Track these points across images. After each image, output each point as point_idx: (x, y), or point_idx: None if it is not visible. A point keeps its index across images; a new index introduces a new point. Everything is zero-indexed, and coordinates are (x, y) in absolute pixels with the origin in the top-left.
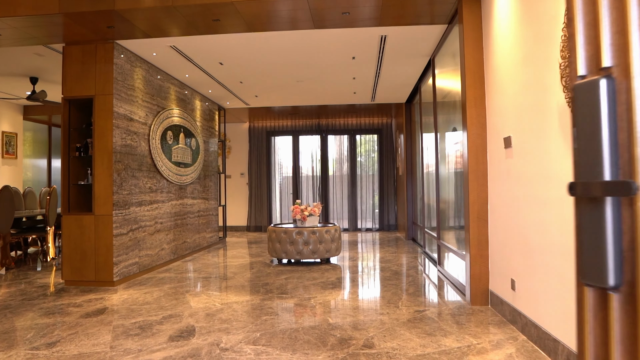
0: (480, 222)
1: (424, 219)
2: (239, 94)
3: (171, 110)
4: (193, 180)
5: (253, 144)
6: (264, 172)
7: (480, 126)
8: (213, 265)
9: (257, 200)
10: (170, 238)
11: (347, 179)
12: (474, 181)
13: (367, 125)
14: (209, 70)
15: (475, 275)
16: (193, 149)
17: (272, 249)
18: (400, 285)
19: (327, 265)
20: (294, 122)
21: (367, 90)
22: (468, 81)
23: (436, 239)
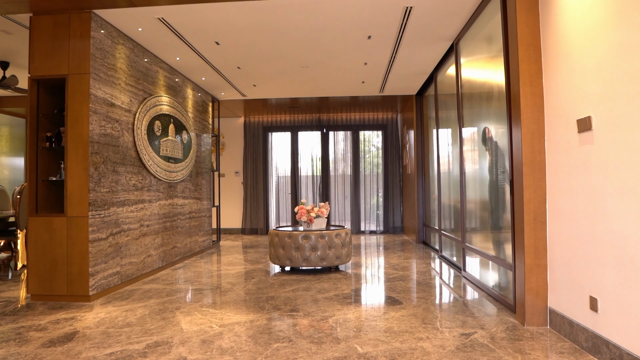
0: (537, 225)
1: (440, 220)
2: (236, 83)
3: (160, 98)
4: (184, 178)
5: (248, 140)
6: (260, 170)
7: (536, 108)
8: (207, 273)
9: (253, 200)
10: (158, 243)
11: (349, 178)
12: (529, 175)
13: (371, 120)
14: (203, 52)
15: (531, 289)
16: (184, 143)
17: (274, 256)
18: (430, 298)
19: (337, 273)
20: (293, 117)
21: (377, 80)
22: (521, 55)
23: (460, 243)
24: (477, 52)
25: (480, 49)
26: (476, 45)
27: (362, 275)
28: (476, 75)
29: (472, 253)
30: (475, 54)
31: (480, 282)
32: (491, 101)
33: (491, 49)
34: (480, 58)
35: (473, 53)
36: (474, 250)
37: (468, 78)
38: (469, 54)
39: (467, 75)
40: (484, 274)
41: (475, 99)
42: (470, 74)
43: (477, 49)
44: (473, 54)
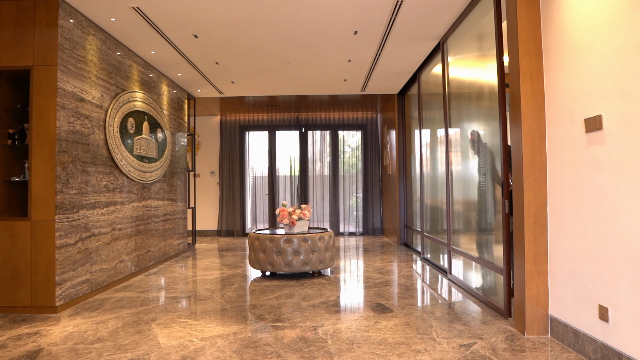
0: (537, 229)
1: (423, 222)
2: (214, 79)
3: (133, 94)
4: (158, 178)
5: (225, 139)
6: (237, 170)
7: (537, 107)
8: (183, 279)
9: (229, 202)
10: (132, 247)
11: (328, 179)
12: (529, 177)
13: (350, 120)
14: (181, 46)
15: (531, 296)
16: (159, 142)
17: (254, 260)
18: (422, 305)
19: (321, 278)
20: (271, 116)
21: (359, 78)
22: (522, 51)
23: (446, 245)
24: (466, 50)
25: (469, 48)
26: (465, 43)
27: (347, 280)
28: (464, 75)
29: (459, 256)
30: (464, 52)
31: (468, 285)
32: (480, 100)
33: (482, 47)
34: (470, 57)
35: (461, 52)
36: (461, 253)
37: (456, 77)
38: (457, 52)
39: (454, 75)
40: (471, 277)
41: (463, 99)
42: (459, 73)
43: (467, 48)
44: (461, 52)
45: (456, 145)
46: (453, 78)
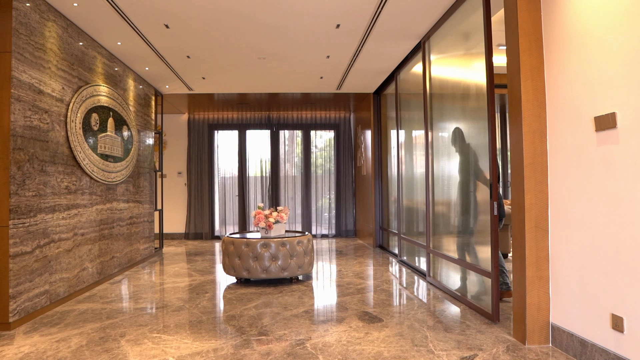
0: (538, 233)
1: (400, 223)
2: (184, 74)
3: (98, 87)
4: (124, 179)
5: (193, 138)
6: (205, 171)
7: (538, 105)
8: (152, 287)
9: (197, 203)
10: (95, 253)
11: (300, 179)
12: (530, 178)
13: (323, 119)
14: (150, 37)
15: (532, 304)
16: (125, 140)
17: (229, 266)
18: (409, 312)
19: (299, 284)
20: (241, 115)
21: (336, 76)
22: (522, 46)
23: (425, 247)
24: (450, 49)
25: (454, 47)
26: (449, 42)
27: (327, 287)
28: (448, 74)
29: (440, 258)
30: (448, 51)
31: (449, 288)
32: (465, 100)
33: (468, 46)
34: (454, 56)
35: (445, 51)
36: (443, 255)
37: (439, 76)
38: (441, 51)
39: (437, 73)
40: (453, 280)
41: (446, 98)
42: (442, 72)
43: (451, 47)
44: (445, 51)
45: (437, 145)
46: (435, 77)
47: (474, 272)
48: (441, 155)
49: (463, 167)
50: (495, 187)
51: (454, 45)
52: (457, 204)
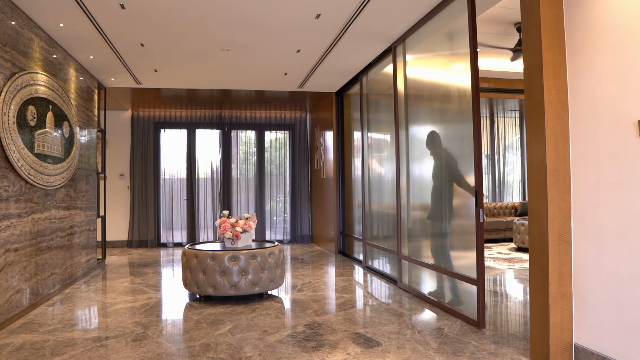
0: (561, 247)
1: (365, 229)
2: (133, 66)
3: (35, 75)
4: (64, 183)
5: (137, 137)
6: (151, 173)
7: (561, 106)
8: (102, 309)
9: (142, 208)
10: (31, 271)
11: (253, 182)
12: (553, 186)
13: (278, 119)
14: (100, 19)
15: (555, 323)
16: (65, 138)
17: (191, 282)
18: (405, 331)
19: (272, 301)
20: (190, 113)
21: (302, 73)
22: (545, 42)
23: (395, 253)
24: (428, 52)
25: (433, 49)
26: (427, 45)
27: (303, 303)
28: (424, 76)
29: (412, 264)
30: (426, 53)
31: (423, 294)
32: (443, 102)
33: (450, 48)
34: (432, 58)
35: (422, 53)
36: (420, 262)
37: (414, 78)
38: (417, 53)
39: (413, 75)
40: (430, 286)
41: (421, 101)
42: (417, 74)
43: (429, 49)
44: (422, 53)
45: (409, 148)
46: (411, 78)
47: (457, 279)
48: (413, 159)
49: (438, 171)
50: (481, 193)
51: (433, 47)
52: (432, 208)
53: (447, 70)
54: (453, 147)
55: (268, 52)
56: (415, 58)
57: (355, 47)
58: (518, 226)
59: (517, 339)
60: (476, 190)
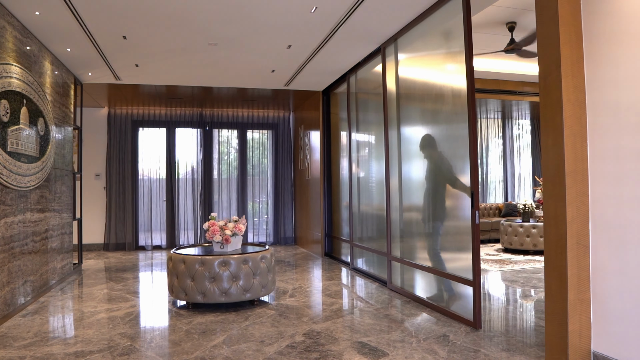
0: (580, 250)
1: (353, 231)
2: (113, 60)
3: (8, 67)
4: (40, 183)
5: (113, 136)
6: (128, 173)
7: (578, 105)
8: (82, 319)
9: (119, 209)
10: (3, 280)
11: (235, 183)
12: (572, 188)
13: (261, 119)
14: (81, 7)
15: (574, 330)
16: (41, 135)
17: (178, 289)
18: (409, 339)
19: (265, 308)
20: (170, 111)
21: (290, 69)
22: (563, 38)
23: (385, 255)
24: (421, 52)
25: (426, 50)
26: (420, 45)
27: (298, 309)
28: (416, 77)
29: (404, 266)
30: (419, 54)
31: (416, 295)
32: (438, 103)
33: (443, 48)
34: (426, 58)
35: (415, 53)
36: (415, 265)
37: (407, 77)
38: (409, 53)
39: (405, 75)
40: (422, 288)
41: (412, 100)
42: (410, 75)
43: (422, 50)
44: (415, 54)
45: (398, 149)
46: (403, 78)
47: (453, 280)
48: (404, 159)
49: (432, 174)
50: (477, 195)
51: (426, 47)
52: (423, 210)
53: (440, 70)
54: (446, 148)
55: (257, 47)
56: (408, 58)
57: (347, 44)
58: (505, 227)
59: (527, 346)
60: (472, 192)
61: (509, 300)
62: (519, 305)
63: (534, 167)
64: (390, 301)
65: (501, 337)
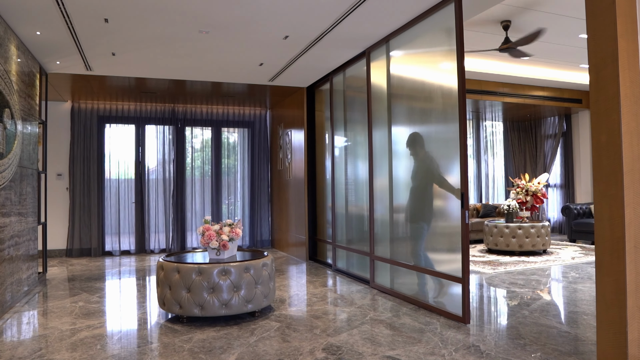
0: (638, 255)
1: (338, 232)
2: (88, 47)
3: None
4: (6, 184)
5: (78, 132)
6: (94, 172)
7: (635, 100)
8: (61, 340)
9: (84, 212)
10: None
11: (210, 184)
12: (629, 188)
13: (236, 116)
14: None
15: (634, 340)
16: (7, 129)
17: (171, 301)
18: (438, 351)
19: (267, 319)
20: (140, 106)
21: (279, 63)
22: (620, 29)
23: (369, 254)
24: (412, 52)
25: (420, 46)
26: (413, 45)
27: (304, 320)
28: (406, 76)
29: (384, 264)
30: (410, 54)
31: (403, 294)
32: (427, 103)
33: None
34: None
35: (407, 53)
36: (401, 264)
37: (398, 74)
38: (400, 54)
39: (397, 72)
40: (405, 286)
41: (401, 100)
42: (401, 73)
43: (413, 50)
44: (406, 54)
45: (392, 147)
46: (394, 76)
47: (443, 278)
48: (394, 160)
49: (418, 173)
50: (466, 196)
51: (419, 45)
52: (411, 209)
53: (432, 70)
54: (435, 149)
55: (252, 36)
56: (400, 56)
57: (350, 36)
58: (490, 228)
59: (565, 355)
60: (462, 193)
61: (523, 305)
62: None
63: (507, 168)
64: (399, 308)
65: (538, 347)
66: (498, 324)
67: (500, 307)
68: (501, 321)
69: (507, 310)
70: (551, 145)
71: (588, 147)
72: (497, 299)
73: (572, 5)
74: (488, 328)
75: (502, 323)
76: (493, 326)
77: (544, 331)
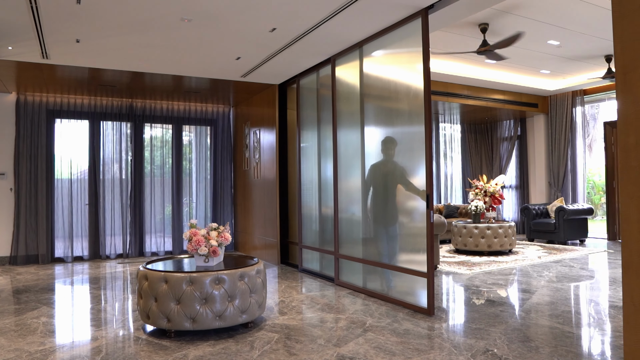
0: None
1: (301, 233)
2: (50, 31)
3: None
4: None
5: (23, 127)
6: (42, 171)
7: None
8: None
9: (30, 215)
10: None
11: (170, 184)
12: None
13: (199, 113)
14: None
15: None
16: None
17: (158, 314)
18: (456, 358)
19: (262, 330)
20: (94, 100)
21: (258, 58)
22: None
23: (333, 253)
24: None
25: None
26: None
27: (302, 330)
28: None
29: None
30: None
31: (370, 290)
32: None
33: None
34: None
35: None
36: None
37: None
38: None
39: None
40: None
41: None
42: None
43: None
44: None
45: (364, 150)
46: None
47: (408, 274)
48: (363, 160)
49: (384, 174)
50: (431, 197)
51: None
52: (377, 209)
53: (401, 73)
54: (402, 150)
55: (236, 27)
56: (373, 57)
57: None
58: (459, 229)
59: (579, 357)
60: (427, 194)
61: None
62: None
63: (464, 169)
64: (395, 311)
65: (547, 348)
66: (499, 326)
67: (494, 309)
68: (501, 323)
69: (501, 312)
70: (507, 148)
71: (542, 149)
72: (491, 301)
73: (545, 10)
74: (494, 331)
75: (504, 326)
76: (497, 329)
77: (549, 332)
